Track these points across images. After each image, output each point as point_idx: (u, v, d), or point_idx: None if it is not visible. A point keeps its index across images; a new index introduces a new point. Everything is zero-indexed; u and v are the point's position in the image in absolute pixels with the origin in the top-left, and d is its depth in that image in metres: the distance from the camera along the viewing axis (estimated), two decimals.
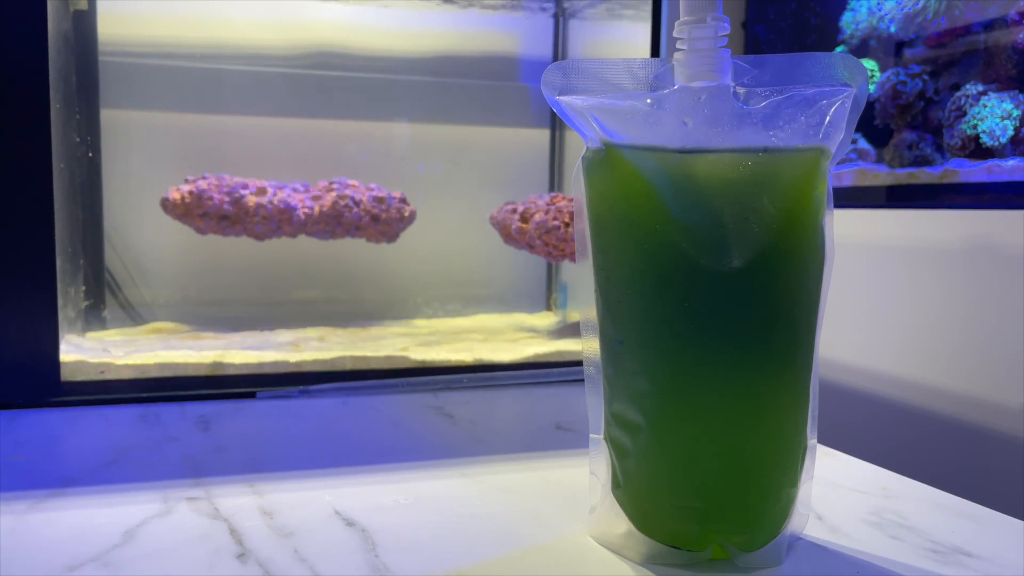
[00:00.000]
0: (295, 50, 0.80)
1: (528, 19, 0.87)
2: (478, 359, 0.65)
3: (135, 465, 0.43)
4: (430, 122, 0.86)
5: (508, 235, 0.77)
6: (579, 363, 0.66)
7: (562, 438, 0.50)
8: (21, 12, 0.52)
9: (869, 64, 0.86)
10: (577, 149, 0.84)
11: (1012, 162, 0.71)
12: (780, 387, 0.31)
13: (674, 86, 0.31)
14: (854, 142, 0.88)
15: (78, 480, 0.41)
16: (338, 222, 0.73)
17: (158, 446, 0.47)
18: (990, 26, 0.73)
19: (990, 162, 0.73)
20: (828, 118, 0.31)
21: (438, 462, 0.45)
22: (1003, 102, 0.71)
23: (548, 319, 0.86)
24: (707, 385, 0.30)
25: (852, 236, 0.87)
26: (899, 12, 0.82)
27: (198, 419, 0.53)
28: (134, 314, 0.75)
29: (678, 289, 0.30)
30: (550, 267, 0.90)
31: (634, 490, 0.32)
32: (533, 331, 0.78)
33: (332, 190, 0.74)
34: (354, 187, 0.74)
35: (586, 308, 0.33)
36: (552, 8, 0.87)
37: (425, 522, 0.36)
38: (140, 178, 0.76)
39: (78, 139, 0.68)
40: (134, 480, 0.41)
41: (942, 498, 0.41)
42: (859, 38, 0.88)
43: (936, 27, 0.78)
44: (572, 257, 0.74)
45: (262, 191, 0.71)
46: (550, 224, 0.74)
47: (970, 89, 0.74)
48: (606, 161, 0.31)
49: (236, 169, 0.75)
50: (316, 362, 0.62)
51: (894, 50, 0.84)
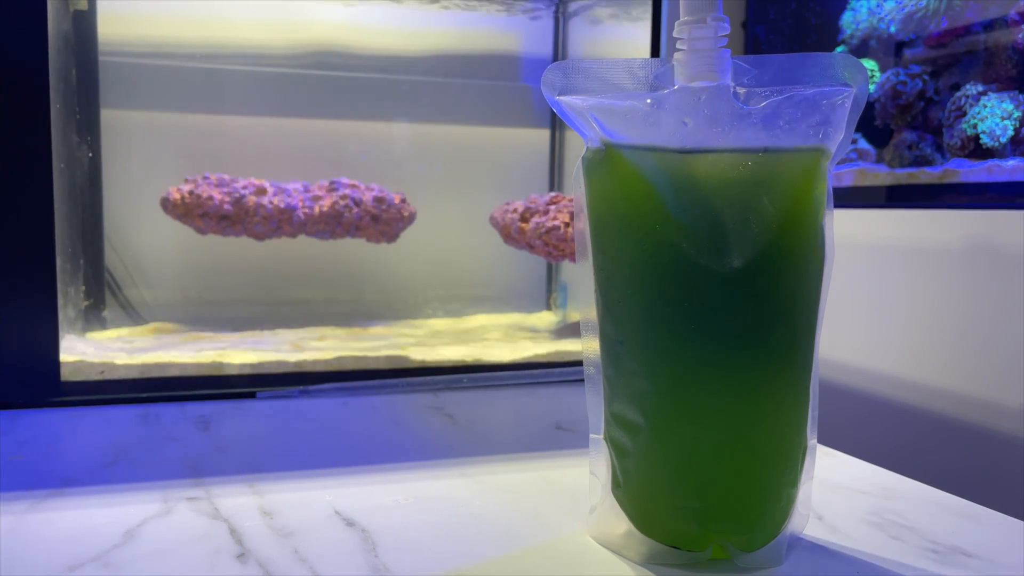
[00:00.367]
0: (295, 50, 0.80)
1: (528, 19, 0.87)
2: (478, 359, 0.65)
3: (135, 465, 0.43)
4: (430, 122, 0.86)
5: (508, 235, 0.77)
6: (579, 363, 0.66)
7: (562, 438, 0.50)
8: (21, 12, 0.52)
9: (869, 64, 0.86)
10: (577, 149, 0.84)
11: (1012, 162, 0.71)
12: (780, 387, 0.31)
13: (674, 86, 0.31)
14: (854, 142, 0.88)
15: (78, 480, 0.41)
16: (338, 222, 0.73)
17: (158, 446, 0.47)
18: (990, 26, 0.73)
19: (990, 162, 0.73)
20: (828, 118, 0.31)
21: (438, 462, 0.45)
22: (1003, 102, 0.71)
23: (548, 319, 0.86)
24: (707, 385, 0.30)
25: (852, 236, 0.87)
26: (899, 12, 0.82)
27: (198, 419, 0.53)
28: (134, 314, 0.75)
29: (678, 289, 0.30)
30: (550, 267, 0.90)
31: (634, 490, 0.32)
32: (533, 331, 0.78)
33: (332, 190, 0.74)
34: (354, 187, 0.74)
35: (586, 308, 0.33)
36: (552, 8, 0.87)
37: (425, 522, 0.36)
38: (140, 178, 0.76)
39: (78, 139, 0.68)
40: (134, 480, 0.41)
41: (942, 498, 0.41)
42: (859, 38, 0.88)
43: (936, 27, 0.78)
44: (572, 257, 0.74)
45: (262, 191, 0.71)
46: (550, 224, 0.74)
47: (970, 89, 0.74)
48: (606, 161, 0.31)
49: (236, 169, 0.75)
50: (316, 362, 0.62)
51: (894, 50, 0.84)
